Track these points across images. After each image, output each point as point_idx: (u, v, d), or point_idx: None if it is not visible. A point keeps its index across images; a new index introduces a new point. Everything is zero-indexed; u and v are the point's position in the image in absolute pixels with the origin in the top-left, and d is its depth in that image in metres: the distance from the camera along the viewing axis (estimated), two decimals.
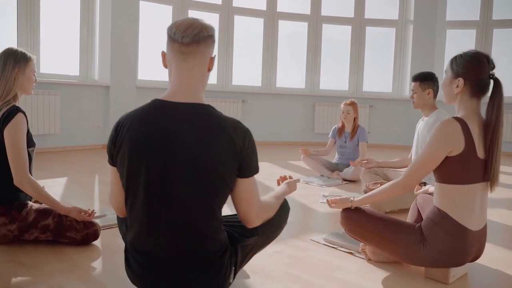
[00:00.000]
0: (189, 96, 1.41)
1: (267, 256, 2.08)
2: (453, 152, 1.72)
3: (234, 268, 1.53)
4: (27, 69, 2.12)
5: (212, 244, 1.42)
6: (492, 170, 1.75)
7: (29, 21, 5.08)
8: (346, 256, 2.13)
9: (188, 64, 1.41)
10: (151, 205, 1.38)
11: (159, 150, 1.35)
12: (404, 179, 1.84)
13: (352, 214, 1.96)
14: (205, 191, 1.36)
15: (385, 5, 7.44)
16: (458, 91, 1.80)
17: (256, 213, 1.50)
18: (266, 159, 5.42)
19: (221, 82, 6.96)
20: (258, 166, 1.47)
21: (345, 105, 4.24)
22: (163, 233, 1.38)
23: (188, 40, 1.38)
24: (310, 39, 7.29)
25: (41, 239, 2.09)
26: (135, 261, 1.46)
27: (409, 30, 7.14)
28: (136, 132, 1.38)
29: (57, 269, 1.86)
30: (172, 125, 1.36)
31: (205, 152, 1.34)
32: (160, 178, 1.36)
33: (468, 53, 1.80)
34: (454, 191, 1.76)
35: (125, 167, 1.40)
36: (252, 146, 1.42)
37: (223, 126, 1.37)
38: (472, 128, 1.73)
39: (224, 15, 6.87)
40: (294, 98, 7.19)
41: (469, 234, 1.76)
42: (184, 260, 1.41)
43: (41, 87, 5.01)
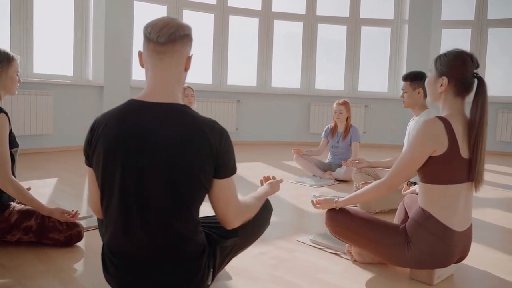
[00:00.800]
0: (165, 96, 1.39)
1: (251, 257, 2.06)
2: (437, 152, 1.70)
3: (212, 270, 1.51)
4: (10, 69, 2.11)
5: (188, 245, 1.41)
6: (477, 170, 1.73)
7: (23, 21, 5.06)
8: (332, 257, 2.11)
9: (164, 63, 1.39)
10: (126, 205, 1.36)
11: (134, 150, 1.34)
12: (388, 179, 1.82)
13: (337, 215, 1.94)
14: (180, 192, 1.34)
15: (380, 4, 7.42)
16: (442, 90, 1.78)
17: (234, 214, 1.48)
18: (260, 159, 5.41)
19: (216, 82, 6.95)
20: (235, 167, 1.45)
21: (337, 104, 4.22)
22: (138, 234, 1.37)
23: (164, 39, 1.36)
24: (305, 39, 7.27)
25: (23, 241, 2.08)
26: (111, 263, 1.44)
27: (404, 30, 7.12)
28: (111, 132, 1.36)
29: (39, 271, 1.84)
30: (147, 125, 1.34)
31: (180, 153, 1.32)
32: (135, 179, 1.34)
33: (452, 52, 1.79)
34: (438, 191, 1.74)
35: (101, 167, 1.38)
36: (228, 146, 1.40)
37: (199, 126, 1.35)
38: (456, 127, 1.71)
39: (219, 15, 6.86)
40: (290, 98, 7.18)
41: (454, 235, 1.75)
42: (160, 261, 1.39)
43: (34, 88, 5.00)
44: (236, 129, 6.88)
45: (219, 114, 6.69)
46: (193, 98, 4.14)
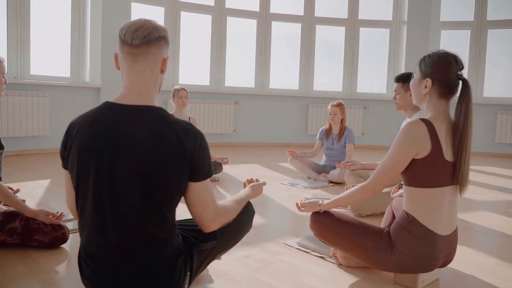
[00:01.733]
0: (140, 99, 1.38)
1: (236, 260, 2.05)
2: (420, 155, 1.68)
3: (189, 273, 1.50)
4: None
5: (163, 248, 1.39)
6: (461, 173, 1.71)
7: (20, 22, 5.07)
8: (317, 261, 2.10)
9: (139, 66, 1.38)
10: (100, 208, 1.35)
11: (107, 153, 1.33)
12: (371, 182, 1.81)
13: (321, 218, 1.93)
14: (153, 195, 1.33)
15: (379, 6, 7.40)
16: (426, 91, 1.77)
17: (211, 217, 1.47)
18: (255, 160, 5.39)
19: (214, 83, 6.94)
20: (211, 170, 1.43)
21: (332, 106, 4.21)
22: (112, 237, 1.35)
23: (138, 41, 1.35)
24: (303, 40, 7.25)
25: (8, 242, 2.07)
26: (87, 266, 1.43)
27: (403, 31, 7.09)
28: (85, 134, 1.35)
29: (21, 273, 1.84)
30: (121, 128, 1.33)
31: (152, 156, 1.31)
32: (109, 181, 1.33)
33: (437, 54, 1.77)
34: (421, 194, 1.72)
35: (75, 170, 1.37)
36: (203, 149, 1.38)
37: (172, 129, 1.34)
38: (439, 129, 1.69)
39: (216, 17, 6.85)
40: (288, 99, 7.16)
41: (437, 239, 1.73)
42: (134, 264, 1.37)
43: (30, 89, 5.02)
44: (234, 131, 6.88)
45: (217, 116, 6.69)
46: (187, 100, 4.12)
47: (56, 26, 5.65)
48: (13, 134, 4.80)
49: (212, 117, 6.66)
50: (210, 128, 6.66)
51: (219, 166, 4.16)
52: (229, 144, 6.82)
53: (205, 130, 6.61)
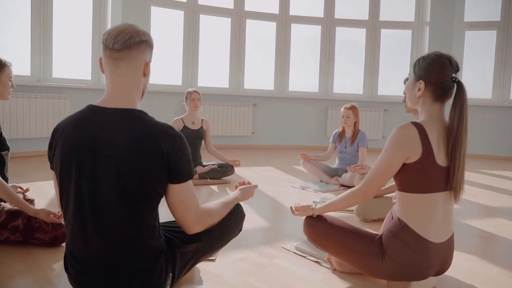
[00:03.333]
0: (121, 102, 1.40)
1: (230, 263, 2.05)
2: (410, 159, 1.64)
3: (172, 275, 1.51)
4: (2, 75, 2.18)
5: (143, 250, 1.41)
6: (455, 178, 1.66)
7: (42, 27, 5.25)
8: (312, 265, 2.07)
9: (121, 69, 1.41)
10: (81, 209, 1.38)
11: (88, 155, 1.36)
12: (362, 187, 1.77)
13: (314, 222, 1.91)
14: (131, 197, 1.35)
15: (400, 7, 7.25)
16: (420, 94, 1.72)
17: (193, 219, 1.47)
18: (271, 163, 5.38)
19: (233, 86, 6.97)
20: (191, 172, 1.44)
21: (345, 109, 4.15)
22: (92, 238, 1.38)
23: (119, 46, 1.38)
24: (323, 42, 7.19)
25: (11, 240, 2.14)
26: (71, 265, 1.46)
27: (425, 32, 6.93)
28: (67, 137, 1.39)
29: (18, 270, 1.90)
30: (101, 130, 1.36)
31: (130, 158, 1.33)
32: (89, 183, 1.35)
33: (431, 55, 1.72)
34: (413, 200, 1.68)
35: (59, 171, 1.41)
36: (182, 151, 1.39)
37: (150, 131, 1.36)
38: (431, 133, 1.65)
39: (236, 19, 6.89)
40: (307, 102, 7.11)
41: (430, 246, 1.67)
42: (114, 265, 1.39)
43: (51, 91, 5.18)
44: (252, 133, 6.88)
45: (235, 118, 6.71)
46: (199, 102, 4.15)
47: (78, 29, 5.82)
48: (34, 135, 4.97)
49: (230, 120, 6.69)
50: (228, 130, 6.69)
51: (231, 168, 4.17)
52: (247, 146, 6.83)
53: (223, 132, 6.66)
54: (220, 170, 4.10)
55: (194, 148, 4.19)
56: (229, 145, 6.68)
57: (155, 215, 1.44)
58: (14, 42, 5.31)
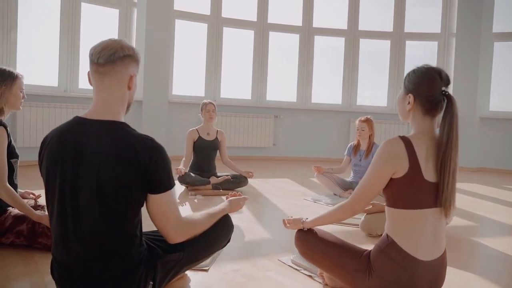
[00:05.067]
0: (105, 114, 1.46)
1: (223, 274, 2.06)
2: (397, 174, 1.60)
3: (152, 283, 1.53)
4: (13, 86, 2.30)
5: (122, 258, 1.44)
6: (444, 194, 1.60)
7: (70, 39, 5.49)
8: (304, 280, 2.05)
9: (105, 83, 1.46)
10: (63, 217, 1.43)
11: (70, 165, 1.41)
12: (350, 202, 1.75)
13: (304, 236, 1.89)
14: (109, 206, 1.39)
15: (426, 18, 7.12)
16: (409, 108, 1.69)
17: (173, 229, 1.50)
18: (289, 175, 5.36)
19: (255, 97, 7.02)
20: (170, 183, 1.47)
21: (360, 121, 4.10)
22: (74, 245, 1.43)
23: (103, 60, 1.44)
24: (347, 53, 7.15)
25: (16, 244, 2.24)
26: (55, 269, 1.51)
27: (451, 44, 6.76)
28: (53, 146, 1.45)
29: (19, 273, 1.98)
30: (83, 141, 1.42)
31: (108, 167, 1.38)
32: (71, 191, 1.41)
33: (421, 69, 1.69)
34: (400, 216, 1.64)
35: (44, 179, 1.47)
36: (160, 162, 1.42)
37: (129, 143, 1.40)
38: (418, 148, 1.61)
39: (259, 32, 6.96)
40: (329, 114, 7.06)
41: (418, 264, 1.62)
42: (94, 272, 1.43)
43: (77, 102, 5.39)
44: (274, 145, 6.89)
45: (256, 130, 6.74)
46: (214, 114, 4.21)
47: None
48: None
49: (252, 131, 6.72)
50: (250, 142, 6.72)
51: (244, 179, 4.19)
52: (268, 158, 6.84)
53: (245, 143, 6.70)
54: (233, 181, 4.12)
55: (208, 159, 4.25)
56: (251, 156, 6.72)
57: (136, 224, 1.48)
58: (43, 54, 5.57)
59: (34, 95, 5.05)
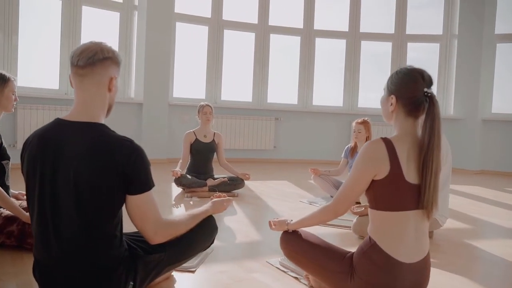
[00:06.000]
0: (84, 116, 1.47)
1: (210, 275, 2.06)
2: (379, 175, 1.60)
3: (132, 283, 1.54)
4: (5, 89, 2.33)
5: (101, 258, 1.45)
6: (426, 196, 1.59)
7: (71, 43, 5.54)
8: (290, 281, 2.04)
9: (85, 85, 1.47)
10: (43, 217, 1.44)
11: (49, 167, 1.42)
12: (333, 204, 1.74)
13: (288, 237, 1.89)
14: (86, 206, 1.40)
15: (428, 19, 7.09)
16: (392, 109, 1.69)
17: (153, 230, 1.51)
18: (288, 177, 5.36)
19: (256, 100, 7.03)
20: (149, 184, 1.47)
21: (356, 123, 4.09)
22: (53, 245, 1.44)
23: (82, 63, 1.45)
24: (348, 56, 7.14)
25: (7, 244, 2.26)
26: (37, 269, 1.53)
27: (453, 45, 6.72)
28: (33, 148, 1.47)
29: (7, 273, 1.99)
30: (62, 142, 1.43)
31: (86, 170, 1.39)
32: (50, 194, 1.42)
33: (403, 70, 1.69)
34: (382, 218, 1.63)
35: (25, 180, 1.49)
36: (138, 164, 1.43)
37: (107, 144, 1.41)
38: (399, 149, 1.60)
39: (260, 34, 6.97)
40: (331, 116, 7.05)
41: (400, 267, 1.61)
42: (73, 272, 1.44)
43: None
44: (274, 147, 6.89)
45: (257, 132, 6.75)
46: (211, 116, 4.22)
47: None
48: None
49: (252, 134, 6.73)
50: (250, 144, 6.73)
51: (241, 182, 4.19)
52: (269, 160, 6.84)
53: (245, 146, 6.70)
54: (230, 183, 4.13)
55: (205, 161, 4.25)
56: (251, 159, 6.72)
57: (115, 224, 1.48)
58: (44, 57, 5.62)
59: (35, 98, 5.11)
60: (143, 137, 6.01)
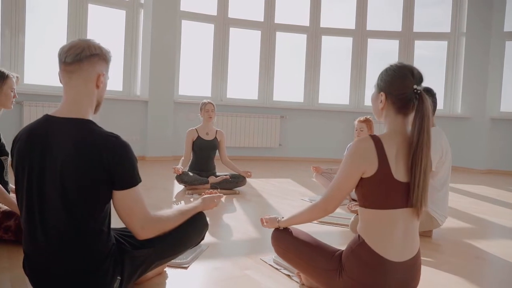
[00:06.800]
0: (72, 112, 1.48)
1: (201, 271, 2.07)
2: (367, 173, 1.59)
3: (120, 278, 1.55)
4: (4, 86, 2.36)
5: (87, 253, 1.46)
6: (415, 195, 1.58)
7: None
8: (282, 279, 2.04)
9: (73, 81, 1.49)
10: (31, 211, 1.46)
11: (37, 160, 1.44)
12: (322, 201, 1.73)
13: (279, 235, 1.89)
14: (72, 201, 1.41)
15: (436, 17, 7.01)
16: (382, 106, 1.67)
17: (140, 225, 1.52)
18: (292, 176, 5.35)
19: (262, 98, 7.03)
20: (135, 179, 1.48)
21: (359, 122, 4.06)
22: (39, 239, 1.46)
23: (70, 59, 1.46)
24: (354, 54, 7.09)
25: (4, 239, 2.29)
26: (26, 262, 1.55)
27: (461, 43, 6.64)
28: (22, 144, 1.49)
29: (2, 267, 2.02)
30: (50, 138, 1.45)
31: (72, 165, 1.40)
32: (37, 188, 1.44)
33: (393, 67, 1.67)
34: (371, 216, 1.62)
35: (14, 175, 1.51)
36: (124, 159, 1.44)
37: (93, 139, 1.42)
38: (388, 147, 1.58)
39: (265, 32, 6.96)
40: (337, 115, 7.02)
41: (388, 265, 1.60)
42: (59, 265, 1.46)
43: None
44: (280, 145, 6.88)
45: (262, 130, 6.74)
46: (213, 113, 4.23)
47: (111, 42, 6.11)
48: None
49: (258, 132, 6.73)
50: (256, 142, 6.73)
51: (243, 179, 4.19)
52: (274, 158, 6.84)
53: (251, 144, 6.71)
54: (232, 181, 4.13)
55: (207, 158, 4.27)
56: (256, 157, 6.73)
57: (102, 219, 1.49)
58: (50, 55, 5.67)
59: (41, 95, 5.17)
60: (149, 135, 6.05)
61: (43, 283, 1.51)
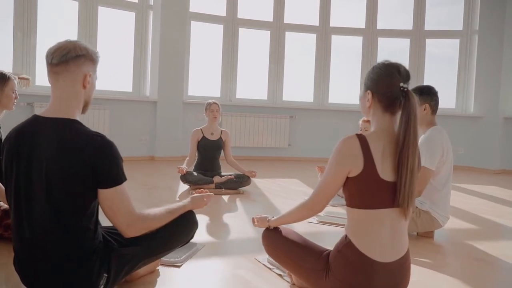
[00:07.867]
0: (58, 112, 1.51)
1: (193, 270, 2.08)
2: (352, 172, 1.57)
3: (106, 275, 1.57)
4: (6, 88, 2.42)
5: (73, 251, 1.49)
6: (401, 194, 1.56)
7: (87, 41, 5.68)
8: (273, 278, 2.03)
9: (59, 82, 1.52)
10: (18, 207, 1.50)
11: (24, 159, 1.48)
12: (310, 201, 1.72)
13: (269, 235, 1.89)
14: (57, 200, 1.44)
15: (448, 15, 6.90)
16: (369, 104, 1.66)
17: (125, 223, 1.53)
18: (298, 176, 5.33)
19: (271, 98, 7.02)
20: (120, 178, 1.50)
21: (363, 122, 4.03)
22: (26, 237, 1.49)
23: (56, 61, 1.50)
24: (364, 53, 7.03)
25: (5, 236, 2.35)
26: (16, 259, 1.58)
27: (474, 41, 6.51)
28: (11, 143, 1.53)
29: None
30: (37, 137, 1.48)
31: (57, 164, 1.43)
32: (24, 187, 1.47)
33: (379, 65, 1.66)
34: (357, 215, 1.60)
35: (3, 173, 1.55)
36: (109, 158, 1.46)
37: (78, 138, 1.45)
38: (374, 146, 1.57)
39: (275, 32, 6.96)
40: (347, 115, 6.96)
41: (375, 266, 1.58)
42: (46, 261, 1.49)
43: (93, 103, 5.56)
44: (289, 145, 6.86)
45: (272, 130, 6.74)
46: (218, 113, 4.25)
47: (121, 43, 6.21)
48: None
49: (267, 132, 6.72)
50: (265, 142, 6.73)
51: (247, 179, 4.20)
52: (283, 158, 6.82)
53: (260, 144, 6.71)
54: (236, 180, 4.14)
55: (212, 158, 4.28)
56: (265, 157, 6.72)
57: (88, 217, 1.51)
58: None
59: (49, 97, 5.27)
60: (158, 135, 6.11)
61: (31, 279, 1.54)
